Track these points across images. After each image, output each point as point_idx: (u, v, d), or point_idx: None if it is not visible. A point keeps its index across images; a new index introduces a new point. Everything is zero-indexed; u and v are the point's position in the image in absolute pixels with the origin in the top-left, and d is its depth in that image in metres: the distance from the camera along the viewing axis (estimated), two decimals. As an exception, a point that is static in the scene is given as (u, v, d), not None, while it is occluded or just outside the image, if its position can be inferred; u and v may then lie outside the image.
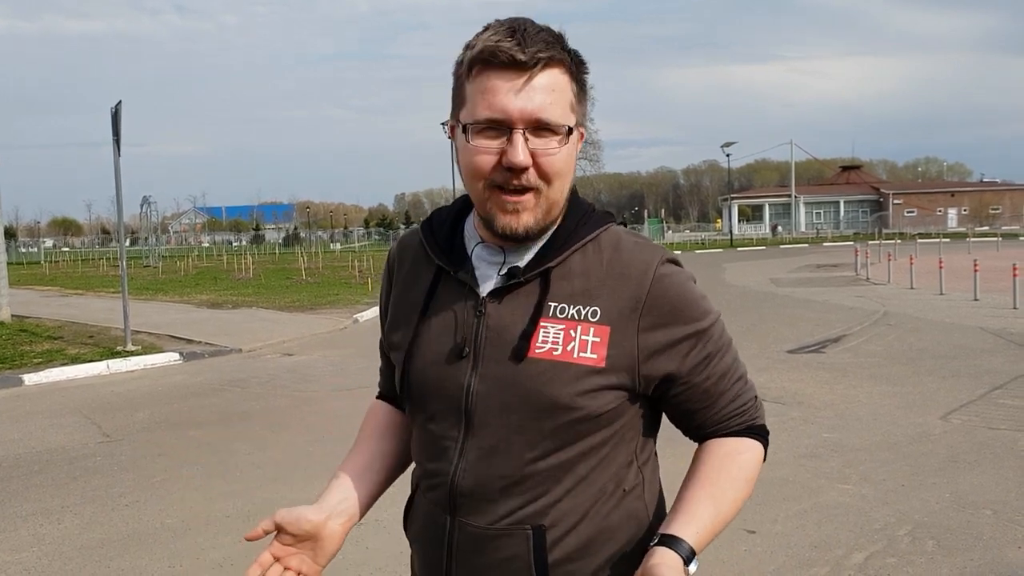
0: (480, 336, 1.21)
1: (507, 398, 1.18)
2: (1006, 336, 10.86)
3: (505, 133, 1.13)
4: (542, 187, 1.16)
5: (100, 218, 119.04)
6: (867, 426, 6.46)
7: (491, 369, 1.19)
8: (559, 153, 1.15)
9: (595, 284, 1.19)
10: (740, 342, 11.38)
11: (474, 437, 1.21)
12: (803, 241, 58.00)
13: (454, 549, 1.25)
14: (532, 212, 1.17)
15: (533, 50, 1.11)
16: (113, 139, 11.58)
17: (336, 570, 4.10)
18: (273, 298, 19.63)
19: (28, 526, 4.84)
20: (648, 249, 1.23)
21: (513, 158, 1.12)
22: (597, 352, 1.16)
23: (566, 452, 1.19)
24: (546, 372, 1.16)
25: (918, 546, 4.11)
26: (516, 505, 1.20)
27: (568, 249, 1.21)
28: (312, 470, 5.70)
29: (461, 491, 1.22)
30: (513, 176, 1.14)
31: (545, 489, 1.20)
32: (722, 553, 4.11)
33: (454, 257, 1.27)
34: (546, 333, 1.17)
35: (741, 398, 1.29)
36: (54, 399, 8.72)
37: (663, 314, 1.19)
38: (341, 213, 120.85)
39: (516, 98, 1.11)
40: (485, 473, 1.21)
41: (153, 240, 45.88)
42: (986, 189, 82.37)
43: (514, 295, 1.21)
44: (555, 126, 1.13)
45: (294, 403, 8.06)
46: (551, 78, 1.13)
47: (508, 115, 1.12)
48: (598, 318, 1.17)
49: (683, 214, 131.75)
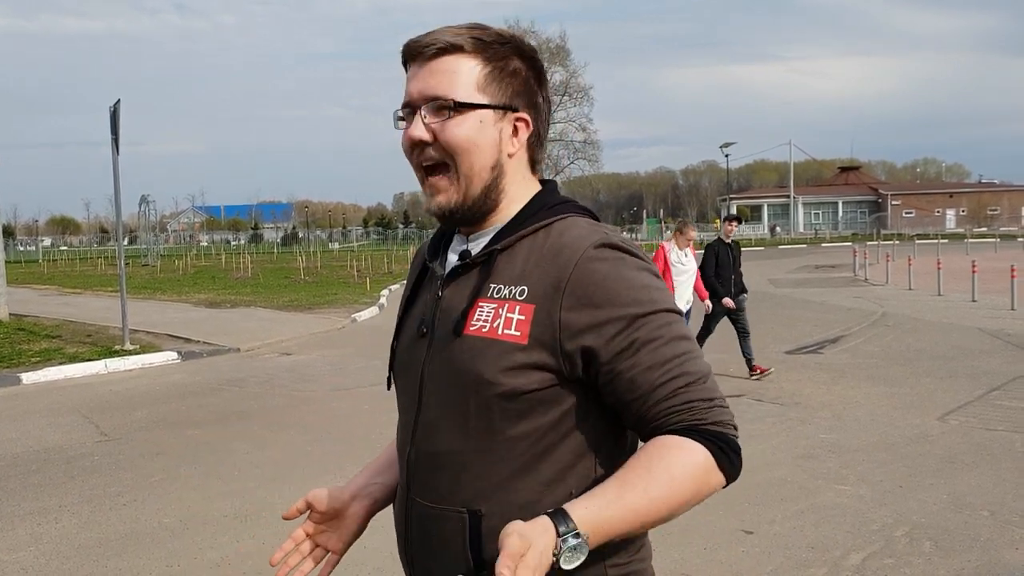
0: (435, 318, 1.28)
1: (445, 374, 1.24)
2: (1004, 337, 10.88)
3: (413, 113, 1.25)
4: (449, 162, 1.24)
5: (98, 217, 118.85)
6: (865, 427, 6.47)
7: (438, 347, 1.26)
8: (456, 125, 1.22)
9: (531, 266, 1.22)
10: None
11: (421, 414, 1.28)
12: (801, 242, 58.03)
13: (411, 525, 1.31)
14: (446, 193, 1.25)
15: (430, 40, 1.23)
16: (112, 138, 11.57)
17: (336, 569, 4.10)
18: (271, 297, 19.62)
19: (26, 525, 4.83)
20: (591, 234, 1.22)
21: (410, 132, 1.24)
22: (520, 329, 1.18)
23: (500, 434, 1.20)
24: (474, 347, 1.20)
25: (915, 547, 4.11)
26: (453, 485, 1.23)
27: (517, 234, 1.25)
28: (311, 469, 5.70)
29: (412, 468, 1.30)
30: (420, 153, 1.24)
31: (481, 472, 1.21)
32: (719, 554, 4.11)
33: (439, 250, 1.37)
34: (480, 311, 1.22)
35: (682, 396, 1.17)
36: (52, 398, 8.71)
37: (586, 295, 1.17)
38: (340, 212, 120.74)
39: (416, 82, 1.24)
40: (426, 450, 1.27)
41: (151, 239, 45.84)
42: (984, 190, 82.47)
43: (465, 277, 1.27)
44: (446, 100, 1.22)
45: (292, 403, 8.06)
46: (448, 61, 1.23)
47: (411, 97, 1.24)
48: (524, 296, 1.20)
49: (682, 214, 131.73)
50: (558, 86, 61.47)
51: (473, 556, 1.20)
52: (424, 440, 1.27)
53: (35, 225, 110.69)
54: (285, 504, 5.11)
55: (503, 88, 1.25)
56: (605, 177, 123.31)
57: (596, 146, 62.13)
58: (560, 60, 61.59)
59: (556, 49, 61.52)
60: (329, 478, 5.50)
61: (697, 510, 4.85)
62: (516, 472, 1.21)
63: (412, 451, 1.30)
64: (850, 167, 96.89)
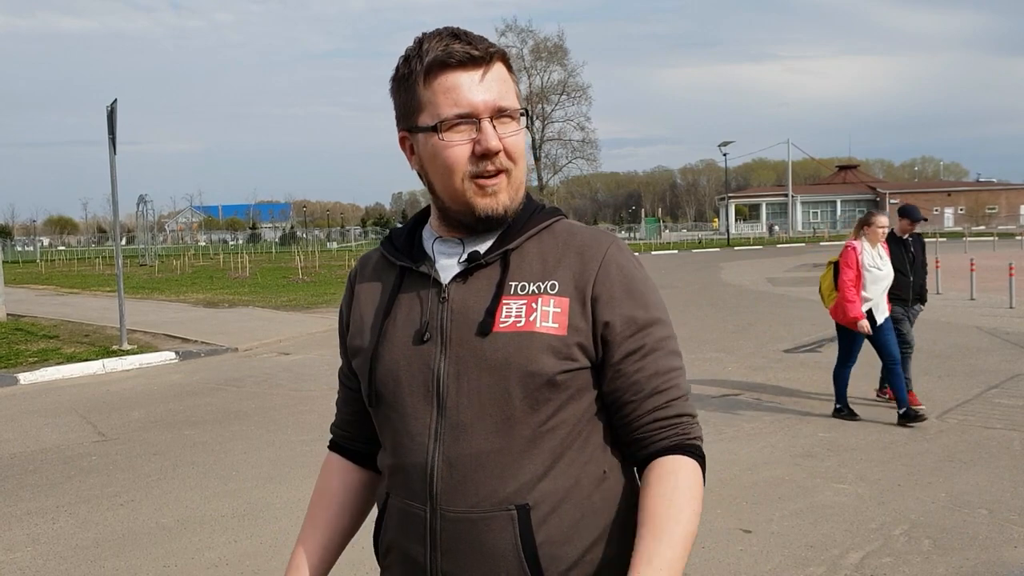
0: (446, 320, 1.27)
1: (476, 373, 1.23)
2: (1002, 335, 10.88)
3: (473, 124, 1.23)
4: (511, 167, 1.26)
5: (96, 217, 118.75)
6: (863, 426, 6.47)
7: (459, 349, 1.25)
8: (519, 135, 1.27)
9: (552, 263, 1.27)
10: (736, 341, 11.36)
11: (447, 418, 1.24)
12: (800, 240, 58.07)
13: (437, 540, 1.24)
14: (507, 192, 1.27)
15: (484, 46, 1.24)
16: (109, 137, 11.56)
17: (333, 570, 4.09)
18: (269, 297, 19.60)
19: (23, 525, 4.82)
20: (602, 234, 1.32)
21: (488, 143, 1.22)
22: (558, 321, 1.23)
23: (539, 426, 1.23)
24: (511, 343, 1.22)
25: (914, 545, 4.11)
26: (495, 484, 1.21)
27: (525, 234, 1.29)
28: (308, 469, 5.70)
29: (439, 476, 1.24)
30: (488, 162, 1.24)
31: (522, 466, 1.22)
32: (718, 553, 4.11)
33: (415, 255, 1.35)
34: (508, 309, 1.24)
35: (674, 408, 1.26)
36: (49, 398, 8.70)
37: (612, 288, 1.26)
38: (338, 212, 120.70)
39: (479, 90, 1.23)
40: (460, 452, 1.23)
41: (149, 239, 45.80)
42: (982, 189, 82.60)
43: (476, 278, 1.28)
44: (512, 111, 1.26)
45: (290, 402, 8.05)
46: (500, 70, 1.26)
47: (475, 107, 1.22)
48: (557, 291, 1.25)
49: (680, 213, 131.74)
50: (556, 85, 61.51)
51: (525, 549, 1.21)
52: (455, 443, 1.23)
53: (33, 225, 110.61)
54: (283, 504, 5.11)
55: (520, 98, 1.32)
56: (603, 176, 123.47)
57: (594, 145, 62.19)
58: (558, 59, 61.63)
59: (554, 48, 61.57)
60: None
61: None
62: (555, 462, 1.24)
63: (437, 459, 1.24)
64: (848, 166, 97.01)
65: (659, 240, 64.56)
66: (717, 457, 5.59)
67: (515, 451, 1.22)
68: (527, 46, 60.65)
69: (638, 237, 69.11)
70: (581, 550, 1.24)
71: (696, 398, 7.56)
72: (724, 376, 8.67)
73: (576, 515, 1.24)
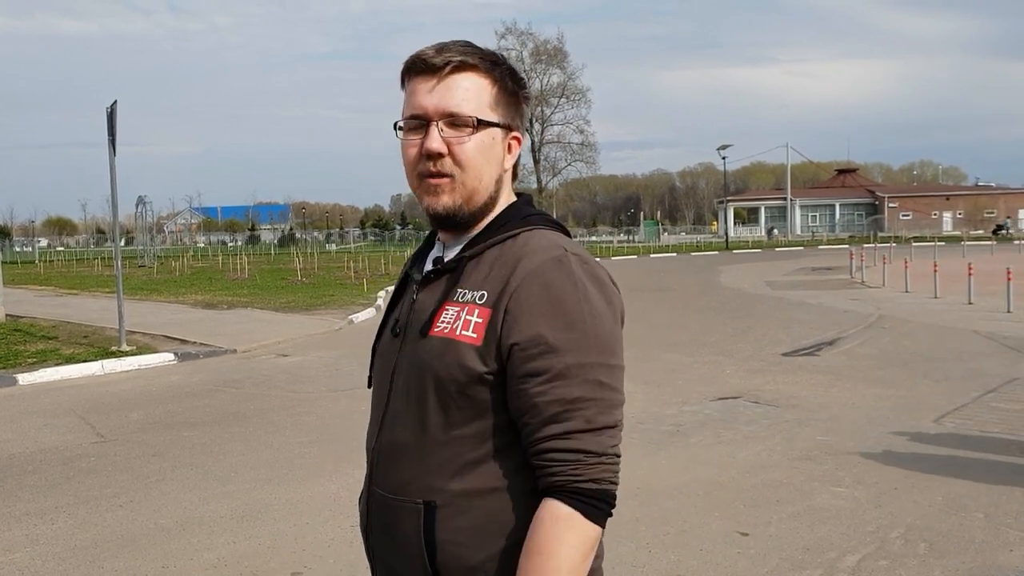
0: (409, 317, 1.37)
1: (410, 371, 1.32)
2: (999, 339, 10.90)
3: (425, 126, 1.30)
4: (457, 173, 1.30)
5: (95, 218, 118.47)
6: (861, 429, 6.48)
7: (407, 346, 1.35)
8: (470, 142, 1.29)
9: (493, 272, 1.29)
10: (735, 344, 11.37)
11: (388, 408, 1.37)
12: (798, 244, 58.06)
13: (371, 515, 1.39)
14: (450, 194, 1.31)
15: (446, 56, 1.29)
16: (108, 139, 11.57)
17: (331, 570, 4.10)
18: (268, 299, 19.60)
19: (21, 526, 4.83)
20: (551, 248, 1.28)
21: (428, 145, 1.28)
22: (477, 332, 1.25)
23: (454, 429, 1.27)
24: (436, 348, 1.28)
25: (910, 549, 4.13)
26: (410, 476, 1.31)
27: (485, 243, 1.33)
28: (307, 471, 5.70)
29: (375, 460, 1.38)
30: (431, 163, 1.29)
31: (437, 465, 1.28)
32: (715, 555, 4.12)
33: (419, 258, 1.46)
34: (446, 314, 1.29)
35: (572, 441, 1.21)
36: (48, 399, 8.70)
37: (528, 303, 1.23)
38: (337, 214, 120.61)
39: (431, 96, 1.29)
40: (388, 442, 1.35)
41: (148, 240, 45.77)
42: (981, 193, 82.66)
43: (436, 283, 1.35)
44: (464, 118, 1.28)
45: (289, 404, 8.05)
46: (466, 78, 1.30)
47: (424, 110, 1.29)
48: (484, 300, 1.27)
49: (679, 216, 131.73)
50: (556, 88, 61.51)
51: (427, 543, 1.28)
52: (387, 433, 1.36)
53: (31, 226, 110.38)
54: (282, 505, 5.12)
55: (507, 108, 1.35)
56: (602, 179, 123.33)
57: (593, 148, 62.12)
58: (558, 62, 61.63)
59: (554, 51, 61.55)
60: (326, 479, 5.51)
61: (693, 512, 4.83)
62: (469, 466, 1.27)
63: (377, 443, 1.39)
64: (847, 169, 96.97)
65: (658, 243, 64.54)
66: (715, 460, 5.60)
67: (427, 451, 1.29)
68: (527, 48, 60.67)
69: (637, 240, 69.10)
70: (484, 557, 1.27)
71: (695, 400, 7.58)
72: (722, 379, 8.68)
73: (482, 520, 1.26)
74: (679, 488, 5.08)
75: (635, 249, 50.76)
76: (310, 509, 4.96)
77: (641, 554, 4.11)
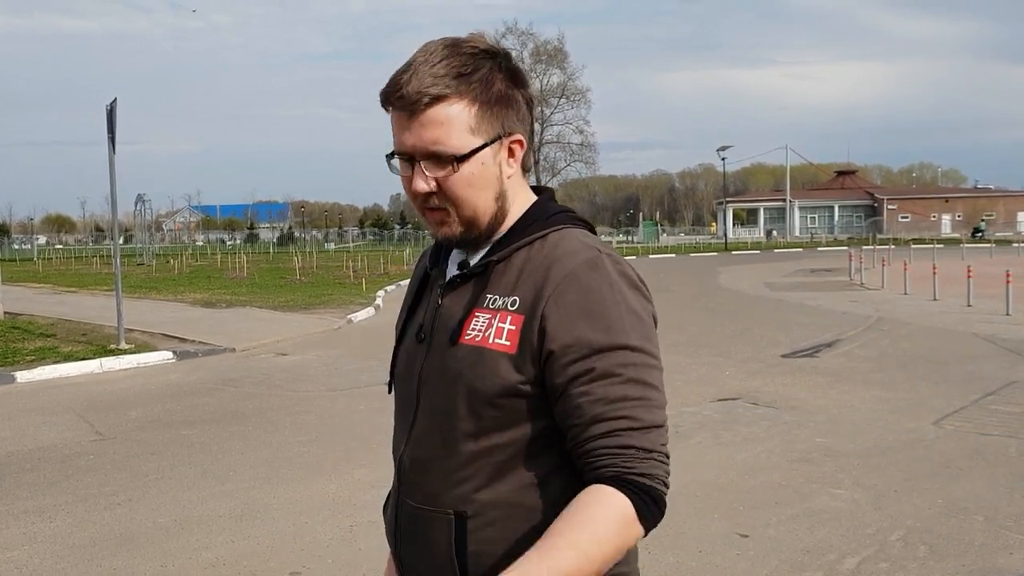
0: (435, 323, 1.32)
1: (440, 380, 1.28)
2: (999, 342, 10.91)
3: (411, 161, 1.24)
4: (449, 207, 1.26)
5: (94, 216, 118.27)
6: (860, 431, 6.48)
7: (435, 353, 1.30)
8: (457, 178, 1.23)
9: (524, 277, 1.24)
10: (734, 345, 11.36)
11: (417, 417, 1.32)
12: (798, 245, 58.10)
13: (400, 526, 1.35)
14: (454, 225, 1.27)
15: (415, 88, 1.19)
16: (108, 137, 11.56)
17: (330, 570, 4.09)
18: (267, 297, 19.59)
19: (20, 524, 4.82)
20: (584, 250, 1.24)
21: (415, 187, 1.24)
22: (510, 339, 1.21)
23: (486, 439, 1.24)
24: (468, 356, 1.23)
25: (910, 551, 4.12)
26: (442, 487, 1.27)
27: (511, 246, 1.28)
28: (306, 470, 5.70)
29: (404, 468, 1.34)
30: (424, 201, 1.26)
31: (468, 475, 1.25)
32: (714, 557, 4.11)
33: (439, 258, 1.39)
34: (476, 321, 1.25)
35: (620, 439, 1.17)
36: (47, 397, 8.69)
37: (566, 307, 1.19)
38: (336, 213, 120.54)
39: (409, 135, 1.23)
40: (418, 453, 1.31)
41: (147, 238, 45.75)
42: (980, 195, 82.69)
43: (463, 287, 1.30)
44: (445, 156, 1.22)
45: (288, 403, 8.04)
46: (438, 112, 1.21)
47: (406, 149, 1.24)
48: (516, 307, 1.23)
49: (678, 217, 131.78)
50: (555, 88, 61.53)
51: (458, 556, 1.25)
52: (416, 443, 1.32)
53: (30, 223, 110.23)
54: (280, 504, 5.11)
55: (495, 120, 1.25)
56: (602, 179, 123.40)
57: (593, 148, 62.18)
58: (558, 62, 61.66)
59: (554, 51, 61.58)
60: (324, 479, 5.50)
61: (692, 513, 4.82)
62: (501, 476, 1.24)
63: (405, 453, 1.34)
64: (846, 171, 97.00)
65: (657, 244, 64.55)
66: (714, 461, 5.59)
67: (458, 461, 1.25)
68: (527, 49, 60.68)
69: (636, 241, 69.09)
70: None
71: (694, 401, 7.58)
72: (721, 381, 8.68)
73: (512, 532, 1.23)
74: (678, 489, 5.05)
75: (634, 250, 50.72)
76: (309, 508, 4.96)
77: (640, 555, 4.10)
